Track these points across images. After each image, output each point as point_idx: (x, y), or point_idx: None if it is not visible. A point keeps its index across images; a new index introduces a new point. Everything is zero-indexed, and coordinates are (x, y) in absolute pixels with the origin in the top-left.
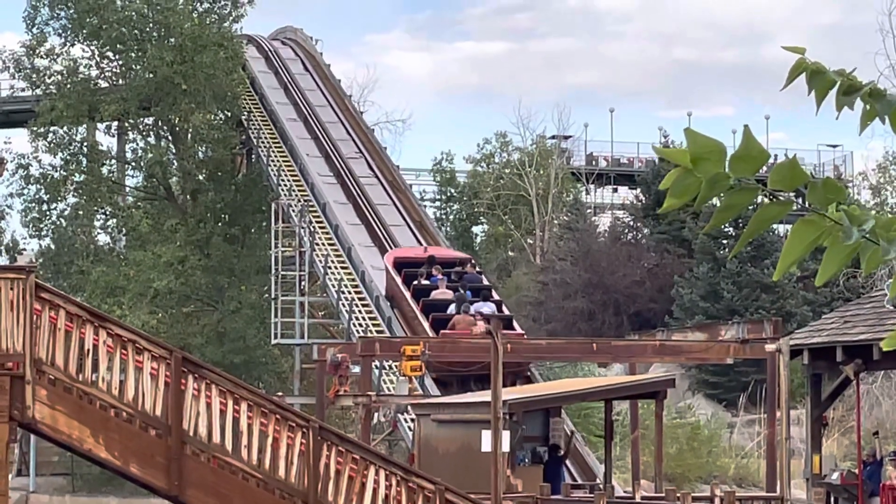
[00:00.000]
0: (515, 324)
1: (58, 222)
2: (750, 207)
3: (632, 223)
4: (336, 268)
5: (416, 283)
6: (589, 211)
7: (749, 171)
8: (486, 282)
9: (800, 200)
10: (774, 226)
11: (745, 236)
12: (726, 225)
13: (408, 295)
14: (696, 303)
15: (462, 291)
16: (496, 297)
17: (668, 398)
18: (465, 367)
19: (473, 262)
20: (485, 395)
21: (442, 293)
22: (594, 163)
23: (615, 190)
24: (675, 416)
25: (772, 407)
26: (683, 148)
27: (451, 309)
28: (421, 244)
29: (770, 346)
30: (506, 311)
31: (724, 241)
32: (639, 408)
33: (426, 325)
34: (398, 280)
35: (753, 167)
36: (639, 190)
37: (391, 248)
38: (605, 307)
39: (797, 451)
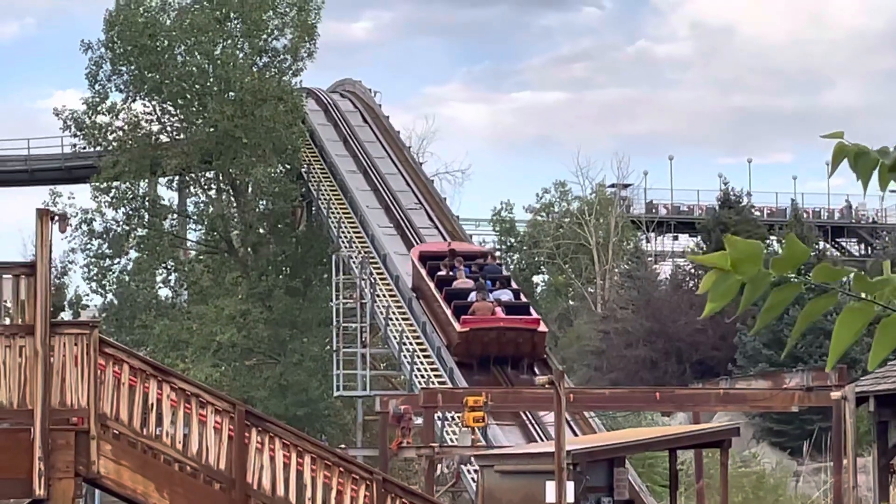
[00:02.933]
0: (532, 310)
1: (120, 277)
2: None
3: (693, 270)
4: (397, 319)
5: (439, 273)
6: (649, 259)
7: (790, 269)
8: (505, 272)
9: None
10: None
11: (796, 332)
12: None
13: (432, 285)
14: (760, 350)
15: (482, 280)
16: (514, 285)
17: (732, 447)
18: (485, 352)
19: (494, 254)
20: (548, 446)
21: (463, 282)
22: (654, 211)
23: (675, 237)
24: (740, 464)
25: (838, 455)
26: (718, 252)
27: (472, 296)
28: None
29: (835, 394)
30: (523, 299)
31: None
32: (703, 457)
33: (448, 312)
34: (423, 272)
35: (794, 265)
36: (699, 237)
37: None
38: (667, 355)
39: (864, 500)
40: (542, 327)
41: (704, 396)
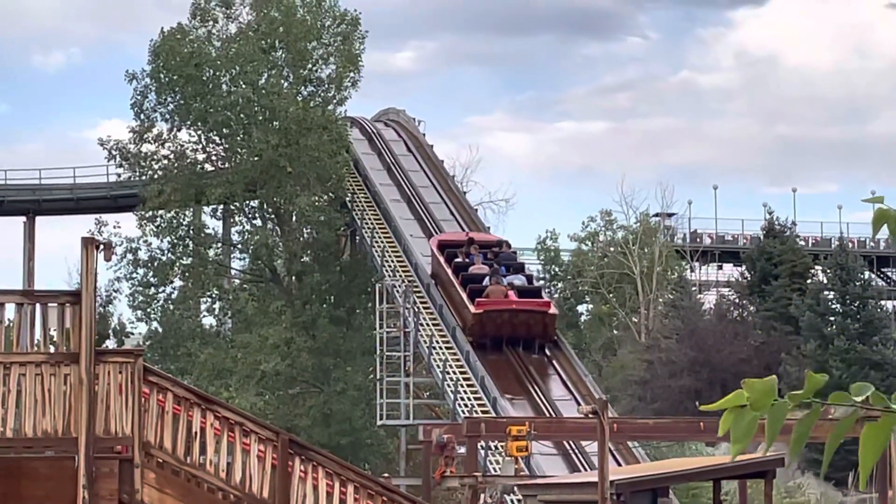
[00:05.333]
0: (544, 294)
1: (165, 305)
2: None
3: (737, 300)
4: (441, 348)
5: (456, 260)
6: (694, 288)
7: (808, 397)
8: (519, 259)
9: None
10: (883, 302)
11: (829, 453)
12: (832, 301)
13: (449, 271)
14: (804, 381)
15: (496, 265)
16: (528, 271)
17: (777, 477)
18: (498, 333)
19: (509, 243)
20: (592, 476)
21: (478, 268)
22: (698, 240)
23: (720, 267)
24: (785, 495)
25: (883, 485)
26: (736, 392)
27: (486, 281)
28: None
29: None
30: (535, 284)
31: (832, 318)
32: (748, 487)
33: (464, 295)
34: (441, 259)
35: (809, 395)
36: (744, 267)
37: None
38: (711, 385)
39: None
40: (553, 310)
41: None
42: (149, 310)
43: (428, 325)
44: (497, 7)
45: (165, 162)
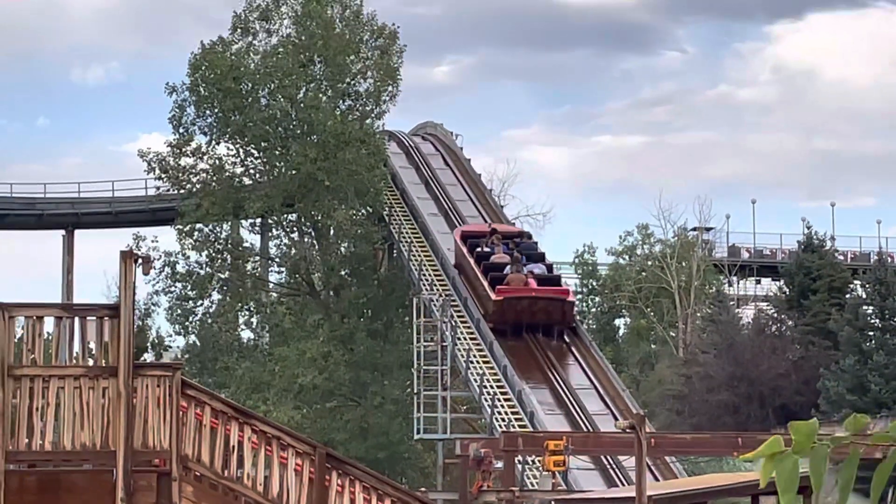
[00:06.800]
0: (563, 282)
1: (203, 319)
2: None
3: (776, 315)
4: (478, 362)
5: (478, 250)
6: (732, 303)
7: (848, 440)
8: (540, 249)
9: None
10: None
11: (875, 496)
12: (871, 317)
13: (471, 261)
14: (843, 396)
15: (517, 254)
16: (548, 261)
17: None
18: (518, 320)
19: (530, 234)
20: (629, 491)
21: (499, 257)
22: (736, 254)
23: (758, 281)
24: None
25: None
26: (773, 438)
27: (507, 269)
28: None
29: None
30: (555, 272)
31: (871, 333)
32: None
33: (485, 283)
34: (464, 249)
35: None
36: (782, 281)
37: None
38: (749, 400)
39: None
40: (571, 297)
41: (787, 442)
42: (187, 323)
43: (465, 339)
44: (534, 21)
45: (204, 175)
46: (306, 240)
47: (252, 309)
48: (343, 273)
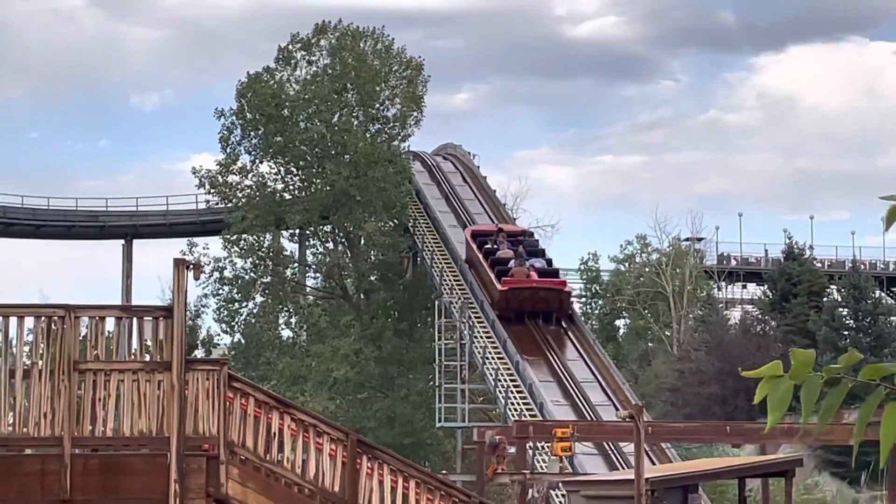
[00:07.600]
0: (561, 275)
1: (247, 319)
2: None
3: (760, 316)
4: (493, 358)
5: (486, 246)
6: (721, 305)
7: (842, 371)
8: (540, 246)
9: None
10: (892, 318)
11: (858, 436)
12: (846, 317)
13: (480, 256)
14: (823, 390)
15: (521, 251)
16: (548, 256)
17: (796, 476)
18: (521, 308)
19: (532, 232)
20: (629, 474)
21: (505, 253)
22: (725, 262)
23: (744, 286)
24: (804, 492)
25: (893, 483)
26: (773, 362)
27: (512, 263)
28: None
29: None
30: (554, 266)
31: (846, 333)
32: (770, 485)
33: (492, 275)
34: (474, 247)
35: (846, 369)
36: (766, 286)
37: None
38: (736, 393)
39: None
40: (568, 288)
41: (771, 430)
42: (233, 323)
43: (481, 337)
44: (543, 53)
45: (248, 191)
46: (340, 249)
47: (291, 310)
48: (372, 278)
